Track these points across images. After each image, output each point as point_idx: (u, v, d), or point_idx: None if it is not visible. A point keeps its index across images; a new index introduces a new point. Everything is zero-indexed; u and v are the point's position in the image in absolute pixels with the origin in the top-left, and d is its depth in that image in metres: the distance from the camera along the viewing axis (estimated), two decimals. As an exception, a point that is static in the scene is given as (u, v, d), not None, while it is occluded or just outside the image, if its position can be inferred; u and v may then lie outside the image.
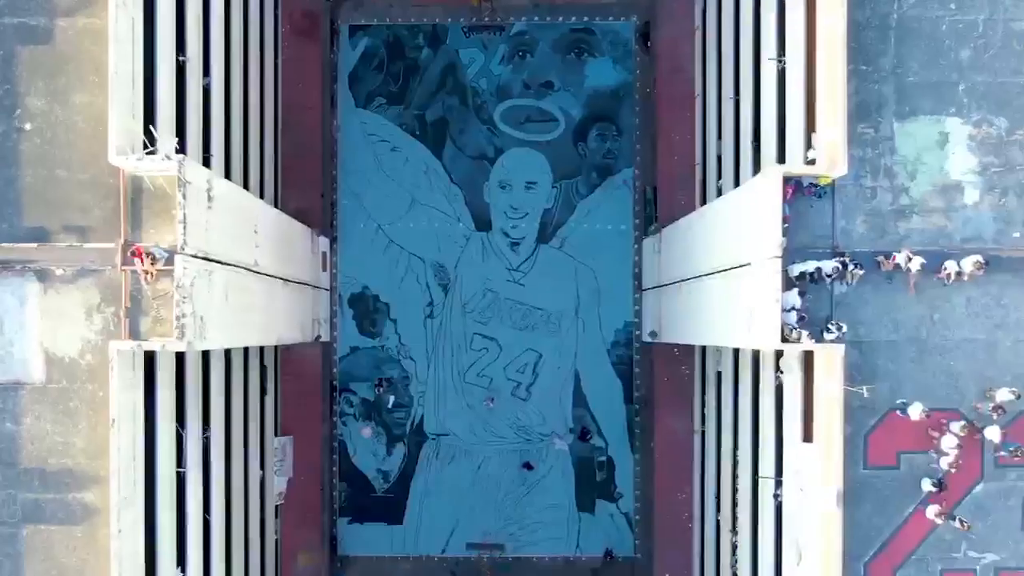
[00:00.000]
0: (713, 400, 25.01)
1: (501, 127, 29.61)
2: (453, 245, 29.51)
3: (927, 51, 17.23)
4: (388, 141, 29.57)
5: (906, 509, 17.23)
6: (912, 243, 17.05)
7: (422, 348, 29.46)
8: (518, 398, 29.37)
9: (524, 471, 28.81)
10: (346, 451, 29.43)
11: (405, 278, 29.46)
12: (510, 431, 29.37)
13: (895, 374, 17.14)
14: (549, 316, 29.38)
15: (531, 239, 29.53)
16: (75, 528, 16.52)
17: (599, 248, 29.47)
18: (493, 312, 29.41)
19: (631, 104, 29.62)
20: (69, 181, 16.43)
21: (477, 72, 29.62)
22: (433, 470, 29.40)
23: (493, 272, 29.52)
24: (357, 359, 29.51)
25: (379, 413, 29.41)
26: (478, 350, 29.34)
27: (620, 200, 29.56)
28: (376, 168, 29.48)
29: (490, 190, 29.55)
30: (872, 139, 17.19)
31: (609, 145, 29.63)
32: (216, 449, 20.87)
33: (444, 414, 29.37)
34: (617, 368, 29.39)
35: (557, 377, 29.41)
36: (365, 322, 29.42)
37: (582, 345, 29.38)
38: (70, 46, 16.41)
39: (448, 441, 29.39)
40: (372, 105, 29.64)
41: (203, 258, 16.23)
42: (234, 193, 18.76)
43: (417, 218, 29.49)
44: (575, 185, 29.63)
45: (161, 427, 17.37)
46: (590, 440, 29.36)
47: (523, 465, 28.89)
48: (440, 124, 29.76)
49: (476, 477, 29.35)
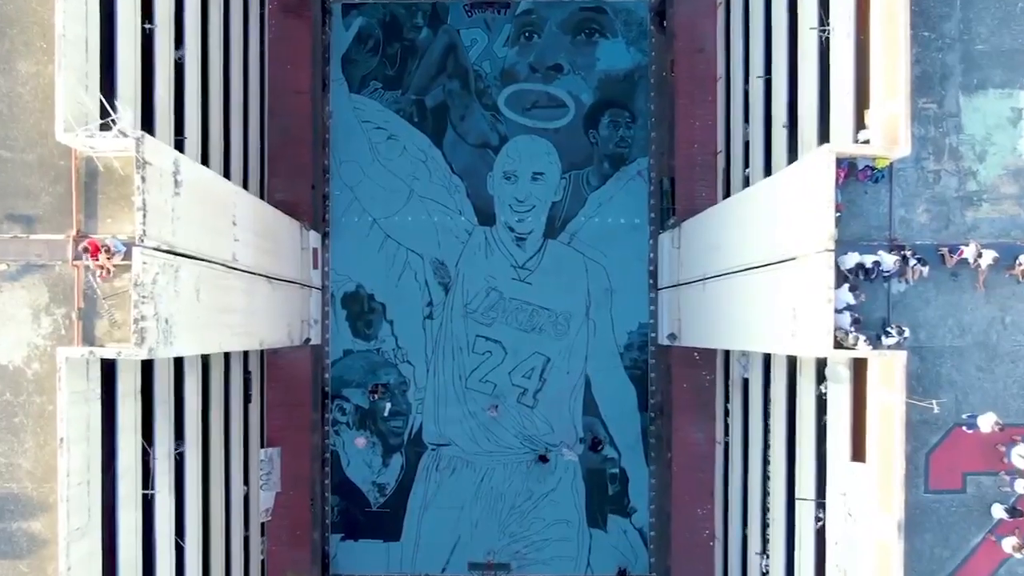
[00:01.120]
0: (739, 409, 22.93)
1: (506, 113, 27.74)
2: (454, 241, 27.63)
3: (997, 15, 15.04)
4: (384, 128, 27.71)
5: (974, 539, 15.10)
6: (981, 235, 14.93)
7: (421, 351, 27.57)
8: (524, 405, 27.54)
9: (539, 464, 26.93)
10: (339, 462, 27.57)
11: (402, 276, 27.58)
12: (515, 441, 27.50)
13: (960, 384, 15.01)
14: (557, 317, 27.56)
15: (538, 234, 27.66)
16: (20, 563, 14.27)
17: (611, 243, 27.56)
18: (497, 313, 27.58)
19: (646, 88, 27.65)
20: (13, 162, 14.23)
21: (480, 54, 27.67)
22: (432, 483, 27.59)
23: (497, 270, 27.68)
24: (351, 363, 27.64)
25: (374, 421, 27.59)
26: (481, 353, 27.49)
27: (634, 192, 27.66)
28: (371, 158, 27.60)
29: (494, 181, 27.63)
30: (935, 116, 15.03)
31: (622, 132, 27.75)
32: (192, 465, 18.78)
33: (444, 422, 27.54)
34: (631, 373, 27.50)
35: (566, 383, 27.51)
36: (359, 323, 27.59)
37: (593, 348, 27.52)
38: (13, 7, 14.16)
39: (449, 451, 27.53)
40: (367, 90, 27.72)
41: (168, 252, 14.11)
42: (208, 179, 16.64)
43: (415, 211, 27.60)
44: (586, 176, 27.73)
45: (123, 444, 15.22)
46: (602, 451, 27.50)
47: (538, 458, 27.01)
48: (440, 110, 27.83)
49: (479, 490, 27.51)
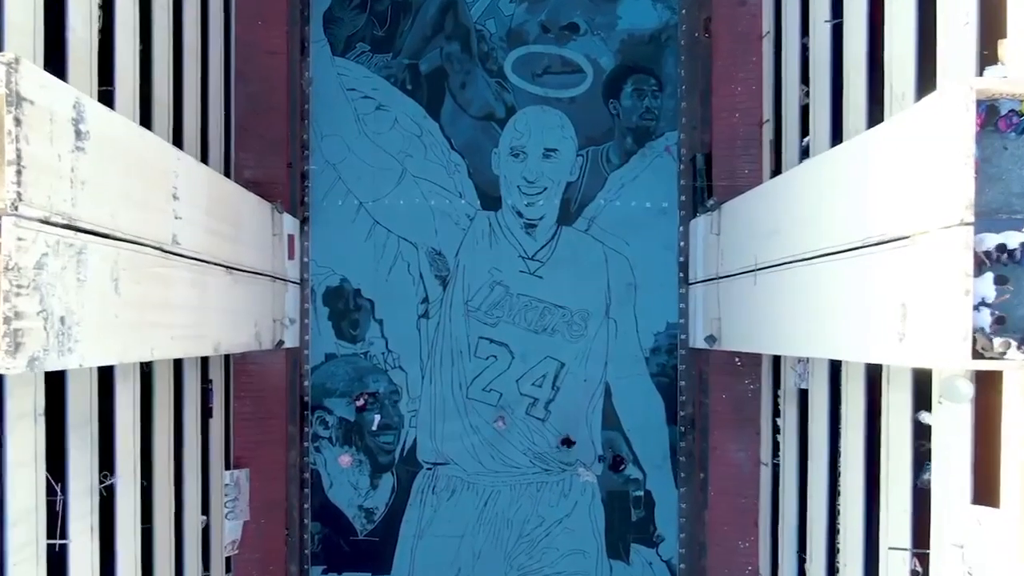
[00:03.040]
0: (794, 426, 19.24)
1: (513, 80, 24.07)
2: (453, 227, 23.96)
3: None
4: (372, 98, 24.02)
5: None
6: None
7: (415, 356, 23.88)
8: (534, 418, 23.89)
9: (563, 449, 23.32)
10: (320, 484, 23.89)
11: (393, 269, 23.90)
12: (524, 459, 23.85)
13: None
14: (573, 316, 23.92)
15: (550, 220, 24.00)
16: None
17: (635, 231, 23.85)
18: (503, 311, 23.94)
19: (675, 51, 23.95)
20: None
21: (483, 12, 23.99)
22: (428, 507, 23.94)
23: (503, 261, 24.02)
24: (334, 369, 23.96)
25: (361, 437, 23.94)
26: (484, 358, 23.83)
27: (662, 171, 23.96)
28: (357, 131, 23.89)
29: (499, 159, 23.96)
30: (1096, 46, 11.40)
31: (648, 102, 24.09)
32: (125, 501, 15.09)
33: (442, 437, 23.88)
34: (658, 381, 23.81)
35: (583, 392, 23.82)
36: (344, 323, 23.94)
37: (614, 352, 23.84)
38: None
39: (447, 471, 23.86)
40: (352, 52, 24.03)
41: (66, 226, 10.44)
42: (134, 137, 12.90)
43: (408, 194, 23.92)
44: (605, 152, 24.07)
45: (12, 482, 11.61)
46: (624, 470, 23.83)
47: (561, 442, 23.38)
48: (437, 77, 24.15)
49: (482, 516, 23.88)
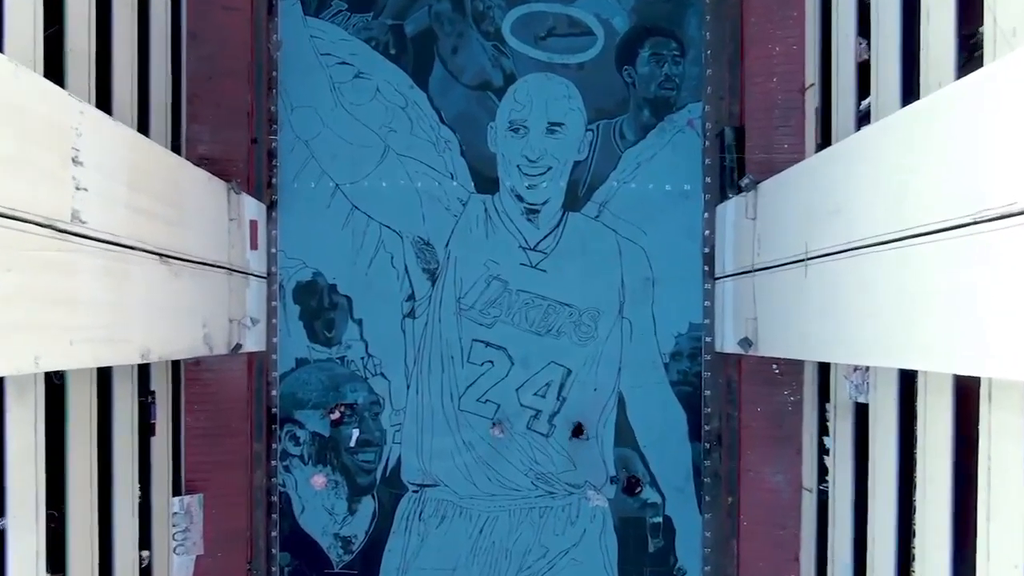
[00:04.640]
0: (848, 446, 16.24)
1: (512, 44, 21.40)
2: (444, 213, 21.24)
3: None
4: (351, 64, 21.27)
5: None
6: None
7: (399, 362, 21.23)
8: (537, 433, 21.21)
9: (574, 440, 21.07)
10: (290, 508, 21.17)
11: (374, 261, 21.20)
12: (525, 480, 21.13)
13: None
14: (581, 315, 21.25)
15: (555, 205, 21.32)
16: None
17: (653, 217, 21.10)
18: (501, 310, 21.29)
19: (699, 10, 21.14)
20: None
21: (478, -35, 21.54)
22: (415, 535, 21.27)
23: (501, 252, 21.32)
24: (305, 377, 21.25)
25: (337, 454, 21.25)
26: (479, 364, 21.14)
27: (684, 148, 21.19)
28: (333, 102, 21.13)
29: (497, 134, 21.23)
30: None
31: (667, 69, 21.37)
32: (22, 546, 12.06)
33: (430, 455, 21.20)
34: (679, 391, 21.04)
35: (592, 403, 21.15)
36: (317, 324, 21.20)
37: (629, 357, 21.11)
38: None
39: (436, 494, 21.20)
40: (327, 12, 21.25)
41: None
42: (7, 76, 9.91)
43: (392, 174, 21.24)
44: (619, 127, 21.37)
45: None
46: (640, 493, 21.17)
47: (572, 432, 20.93)
48: (425, 39, 21.44)
49: (476, 546, 21.22)
